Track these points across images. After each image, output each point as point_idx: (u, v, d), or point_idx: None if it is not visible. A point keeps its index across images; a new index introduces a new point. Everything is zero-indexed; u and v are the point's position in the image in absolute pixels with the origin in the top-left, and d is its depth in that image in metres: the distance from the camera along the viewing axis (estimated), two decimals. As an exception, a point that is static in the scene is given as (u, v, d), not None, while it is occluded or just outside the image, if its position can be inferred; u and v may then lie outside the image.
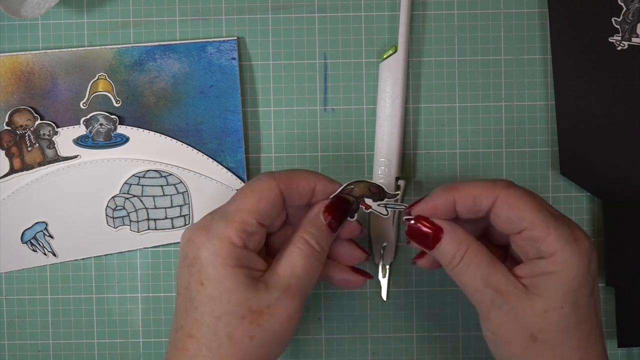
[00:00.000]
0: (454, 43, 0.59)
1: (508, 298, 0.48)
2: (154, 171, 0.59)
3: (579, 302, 0.47)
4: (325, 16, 0.59)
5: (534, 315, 0.47)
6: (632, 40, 0.58)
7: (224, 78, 0.59)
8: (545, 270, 0.48)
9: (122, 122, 0.59)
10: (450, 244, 0.50)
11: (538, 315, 0.47)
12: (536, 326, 0.47)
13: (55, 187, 0.59)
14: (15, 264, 0.60)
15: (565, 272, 0.47)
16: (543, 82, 0.59)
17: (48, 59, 0.59)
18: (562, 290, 0.47)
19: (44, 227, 0.59)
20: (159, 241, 0.59)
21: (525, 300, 0.48)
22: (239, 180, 0.59)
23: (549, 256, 0.48)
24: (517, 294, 0.48)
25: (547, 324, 0.47)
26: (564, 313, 0.47)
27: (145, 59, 0.59)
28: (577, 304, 0.47)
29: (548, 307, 0.47)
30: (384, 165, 0.58)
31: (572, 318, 0.47)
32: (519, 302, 0.48)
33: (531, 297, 0.48)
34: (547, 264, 0.48)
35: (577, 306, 0.47)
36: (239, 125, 0.59)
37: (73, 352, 0.60)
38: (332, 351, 0.60)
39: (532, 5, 0.59)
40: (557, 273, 0.47)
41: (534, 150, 0.59)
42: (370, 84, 0.59)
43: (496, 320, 0.48)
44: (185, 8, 0.59)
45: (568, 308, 0.47)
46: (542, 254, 0.48)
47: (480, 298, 0.48)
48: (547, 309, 0.47)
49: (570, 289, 0.47)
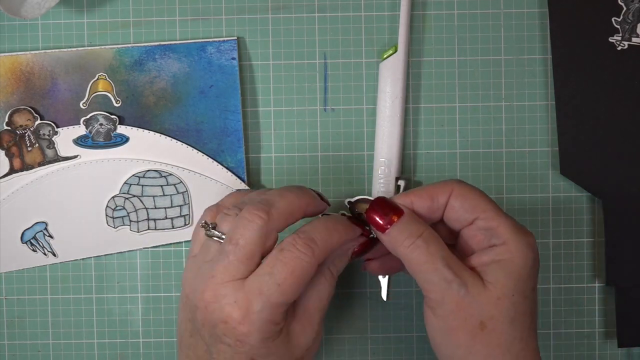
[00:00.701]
0: (454, 43, 0.59)
1: (466, 281, 0.48)
2: (154, 171, 0.59)
3: (526, 293, 0.49)
4: (325, 16, 0.59)
5: (487, 302, 0.48)
6: (632, 40, 0.58)
7: (224, 78, 0.59)
8: (497, 258, 0.49)
9: (122, 122, 0.59)
10: (409, 223, 0.50)
11: (491, 303, 0.48)
12: (487, 314, 0.48)
13: (55, 187, 0.59)
14: (15, 264, 0.60)
15: (515, 259, 0.49)
16: (543, 82, 0.59)
17: (48, 58, 0.59)
18: (513, 278, 0.48)
19: (44, 227, 0.59)
20: (159, 241, 0.59)
21: (480, 287, 0.48)
22: (238, 180, 0.59)
23: (500, 244, 0.49)
24: (473, 279, 0.48)
25: (498, 312, 0.48)
26: (514, 301, 0.48)
27: (145, 59, 0.59)
28: (525, 294, 0.49)
29: (501, 295, 0.48)
30: (384, 165, 0.58)
31: (520, 308, 0.48)
32: (475, 288, 0.48)
33: (485, 285, 0.48)
34: (500, 251, 0.49)
35: (524, 296, 0.49)
36: (238, 125, 0.59)
37: (73, 352, 0.60)
38: (332, 351, 0.60)
39: (532, 5, 0.59)
40: (509, 260, 0.49)
41: (534, 150, 0.59)
42: (370, 84, 0.59)
43: (449, 306, 0.48)
44: (185, 8, 0.59)
45: (518, 297, 0.48)
46: (493, 242, 0.49)
47: (436, 279, 0.48)
48: (500, 297, 0.48)
49: (521, 278, 0.48)
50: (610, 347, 0.60)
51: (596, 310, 0.60)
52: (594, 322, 0.60)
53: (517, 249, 0.49)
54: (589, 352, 0.60)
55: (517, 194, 0.59)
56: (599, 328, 0.60)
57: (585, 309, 0.60)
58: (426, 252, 0.49)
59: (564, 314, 0.60)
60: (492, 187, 0.59)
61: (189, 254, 0.53)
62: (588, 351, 0.60)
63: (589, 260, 0.60)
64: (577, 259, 0.60)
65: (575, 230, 0.59)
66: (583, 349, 0.60)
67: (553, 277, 0.60)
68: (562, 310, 0.60)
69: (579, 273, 0.60)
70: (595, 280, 0.60)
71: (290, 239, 0.48)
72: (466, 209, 0.50)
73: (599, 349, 0.60)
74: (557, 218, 0.59)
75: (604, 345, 0.60)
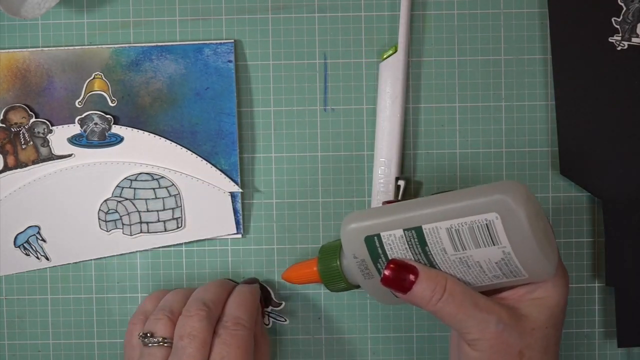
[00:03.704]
0: (454, 43, 0.59)
1: (502, 316, 0.49)
2: (146, 174, 0.59)
3: (557, 326, 0.51)
4: (325, 16, 0.59)
5: (524, 332, 0.50)
6: (632, 40, 0.58)
7: (220, 80, 0.59)
8: (534, 296, 0.51)
9: (117, 122, 0.59)
10: (428, 281, 0.50)
11: (527, 333, 0.50)
12: (525, 342, 0.50)
13: (47, 191, 0.59)
14: (8, 268, 0.60)
15: (551, 298, 0.51)
16: (543, 82, 0.59)
17: (44, 56, 0.58)
18: (547, 314, 0.50)
19: (37, 230, 0.59)
20: (152, 244, 0.59)
21: (516, 318, 0.50)
22: (232, 183, 0.59)
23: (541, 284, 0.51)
24: (508, 313, 0.50)
25: (534, 341, 0.50)
26: (547, 333, 0.50)
27: (142, 60, 0.59)
28: (556, 327, 0.51)
29: (535, 326, 0.50)
30: (384, 165, 0.58)
31: (552, 339, 0.51)
32: (512, 320, 0.50)
33: (519, 316, 0.50)
34: (538, 291, 0.51)
35: (556, 329, 0.51)
36: (233, 128, 0.59)
37: (73, 352, 0.60)
38: (332, 351, 0.60)
39: (532, 5, 0.59)
40: (545, 299, 0.50)
41: (534, 150, 0.59)
42: (370, 84, 0.59)
43: (489, 341, 0.49)
44: (185, 8, 0.59)
45: (551, 329, 0.50)
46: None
47: (471, 323, 0.49)
48: (535, 328, 0.50)
49: (554, 314, 0.51)
50: (610, 347, 0.60)
51: (596, 310, 0.60)
52: (594, 322, 0.60)
53: (555, 290, 0.51)
54: (589, 352, 0.60)
55: (517, 194, 0.59)
56: (599, 328, 0.60)
57: (585, 309, 0.60)
58: (455, 304, 0.49)
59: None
60: (492, 187, 0.59)
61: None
62: (588, 351, 0.60)
63: (589, 260, 0.60)
64: (577, 259, 0.60)
65: (575, 230, 0.59)
66: (583, 349, 0.60)
67: (553, 277, 0.60)
68: (562, 310, 0.60)
69: (579, 273, 0.60)
70: (595, 280, 0.60)
71: (220, 325, 0.53)
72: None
73: (599, 349, 0.60)
74: (557, 218, 0.59)
75: (604, 345, 0.60)
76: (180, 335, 0.52)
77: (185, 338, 0.52)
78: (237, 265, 0.60)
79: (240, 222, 0.59)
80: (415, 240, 0.49)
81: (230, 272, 0.60)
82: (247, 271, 0.60)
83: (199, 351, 0.51)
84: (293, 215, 0.60)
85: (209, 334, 0.52)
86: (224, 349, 0.52)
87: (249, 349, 0.53)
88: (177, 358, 0.52)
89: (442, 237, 0.49)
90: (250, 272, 0.60)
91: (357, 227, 0.51)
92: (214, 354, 0.52)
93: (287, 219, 0.60)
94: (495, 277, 0.49)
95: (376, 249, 0.51)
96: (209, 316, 0.53)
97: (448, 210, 0.48)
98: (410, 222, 0.49)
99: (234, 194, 0.59)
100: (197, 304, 0.53)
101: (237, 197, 0.59)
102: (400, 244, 0.50)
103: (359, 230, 0.51)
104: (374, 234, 0.50)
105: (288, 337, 0.60)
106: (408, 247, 0.50)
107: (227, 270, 0.60)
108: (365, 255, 0.51)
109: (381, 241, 0.50)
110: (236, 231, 0.59)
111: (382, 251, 0.51)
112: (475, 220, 0.48)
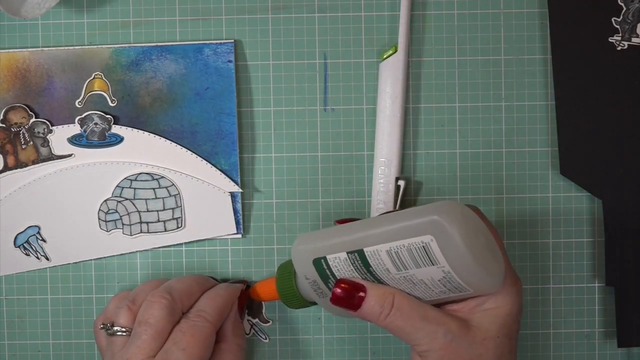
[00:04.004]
0: (454, 43, 0.59)
1: (450, 327, 0.49)
2: (146, 174, 0.59)
3: (510, 335, 0.51)
4: (325, 16, 0.59)
5: (474, 342, 0.50)
6: (632, 40, 0.58)
7: (220, 80, 0.59)
8: (485, 307, 0.50)
9: (117, 122, 0.59)
10: (376, 297, 0.50)
11: (478, 343, 0.50)
12: (475, 353, 0.50)
13: (47, 191, 0.59)
14: (8, 268, 0.60)
15: (502, 309, 0.50)
16: (543, 82, 0.59)
17: (44, 56, 0.58)
18: (498, 324, 0.50)
19: (37, 230, 0.59)
20: (152, 244, 0.59)
21: (465, 329, 0.50)
22: (232, 183, 0.59)
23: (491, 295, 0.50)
24: (458, 324, 0.50)
25: (485, 351, 0.50)
26: (499, 342, 0.50)
27: (142, 60, 0.59)
28: (509, 336, 0.51)
29: (486, 336, 0.50)
30: (384, 165, 0.58)
31: (506, 349, 0.50)
32: (460, 331, 0.50)
33: (470, 327, 0.50)
34: (488, 302, 0.50)
35: (509, 338, 0.51)
36: (233, 128, 0.59)
37: (73, 352, 0.60)
38: (332, 351, 0.60)
39: (532, 5, 0.59)
40: (496, 309, 0.50)
41: (534, 150, 0.59)
42: (370, 84, 0.59)
43: (439, 352, 0.49)
44: (185, 8, 0.59)
45: (502, 338, 0.50)
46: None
47: (420, 335, 0.49)
48: (486, 338, 0.50)
49: (506, 323, 0.50)
50: (610, 347, 0.60)
51: (596, 310, 0.60)
52: (594, 322, 0.60)
53: (506, 300, 0.50)
54: (589, 352, 0.60)
55: (517, 194, 0.59)
56: (598, 328, 0.60)
57: (585, 309, 0.60)
58: (403, 318, 0.50)
59: (564, 314, 0.60)
60: (492, 187, 0.59)
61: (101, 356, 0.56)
62: (588, 351, 0.60)
63: (589, 260, 0.60)
64: (577, 259, 0.60)
65: (575, 230, 0.59)
66: (583, 349, 0.60)
67: (553, 277, 0.60)
68: (562, 310, 0.60)
69: (579, 273, 0.60)
70: (595, 280, 0.60)
71: (183, 317, 0.54)
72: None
73: (599, 349, 0.60)
74: (557, 218, 0.59)
75: (604, 345, 0.60)
76: (139, 321, 0.52)
77: (143, 325, 0.52)
78: (237, 265, 0.60)
79: (240, 222, 0.59)
80: (359, 262, 0.50)
81: (230, 272, 0.60)
82: (247, 271, 0.60)
83: (153, 339, 0.52)
84: (293, 215, 0.60)
85: (169, 323, 0.52)
86: (178, 335, 0.52)
87: (207, 342, 0.53)
88: (130, 344, 0.52)
89: (383, 258, 0.49)
90: (250, 272, 0.60)
91: (304, 249, 0.52)
92: (168, 339, 0.52)
93: (287, 219, 0.60)
94: (442, 292, 0.49)
95: (324, 270, 0.51)
96: (170, 305, 0.53)
97: (387, 233, 0.49)
98: (353, 245, 0.50)
99: (234, 194, 0.59)
100: (161, 291, 0.53)
101: (237, 197, 0.59)
102: (346, 265, 0.50)
103: (306, 253, 0.51)
104: (320, 256, 0.51)
105: (288, 337, 0.60)
106: (354, 268, 0.50)
107: (227, 270, 0.60)
108: (315, 276, 0.52)
109: (328, 263, 0.51)
110: (236, 231, 0.59)
111: (331, 272, 0.51)
112: (412, 242, 0.47)
